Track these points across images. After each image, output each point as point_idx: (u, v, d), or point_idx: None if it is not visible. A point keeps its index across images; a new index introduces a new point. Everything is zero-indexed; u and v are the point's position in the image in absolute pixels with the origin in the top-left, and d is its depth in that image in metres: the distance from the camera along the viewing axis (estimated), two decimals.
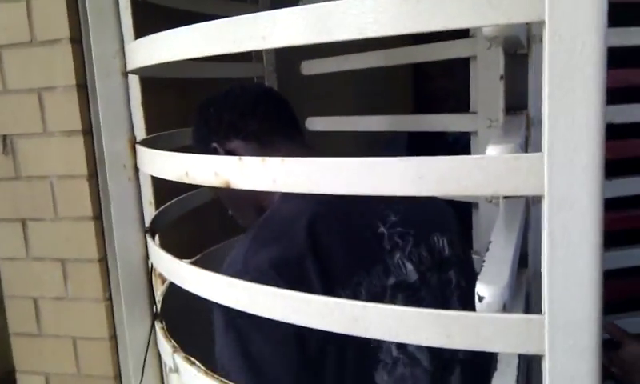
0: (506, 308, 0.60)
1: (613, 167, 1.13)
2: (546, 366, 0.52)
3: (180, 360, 0.84)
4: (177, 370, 0.85)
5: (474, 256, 1.20)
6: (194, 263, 1.33)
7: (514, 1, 0.47)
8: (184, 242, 1.44)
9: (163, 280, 1.17)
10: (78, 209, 1.33)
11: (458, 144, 2.40)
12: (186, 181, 0.73)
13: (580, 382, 0.51)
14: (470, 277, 0.97)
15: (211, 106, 1.04)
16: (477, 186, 0.52)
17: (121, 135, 0.92)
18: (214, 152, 1.00)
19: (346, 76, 1.43)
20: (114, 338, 1.38)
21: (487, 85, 1.11)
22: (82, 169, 1.30)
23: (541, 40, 0.49)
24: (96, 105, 1.27)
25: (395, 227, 0.92)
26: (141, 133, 1.23)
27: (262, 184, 0.63)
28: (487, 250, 0.78)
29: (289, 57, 1.54)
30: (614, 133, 1.02)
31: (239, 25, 0.60)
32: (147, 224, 1.00)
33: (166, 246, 0.88)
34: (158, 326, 0.97)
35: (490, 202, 1.15)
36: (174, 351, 0.86)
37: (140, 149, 0.89)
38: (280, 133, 1.01)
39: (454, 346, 0.56)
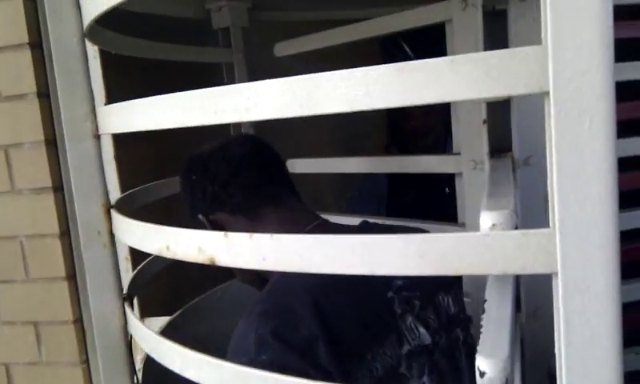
0: (508, 382, 0.57)
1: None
2: None
3: None
4: None
5: (459, 228, 1.17)
6: (176, 319, 1.29)
7: (515, 71, 0.45)
8: (162, 293, 1.39)
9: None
10: (50, 269, 1.27)
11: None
12: (167, 255, 0.69)
13: None
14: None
15: (194, 172, 0.99)
16: (483, 265, 0.49)
17: (94, 200, 0.87)
18: (201, 224, 0.96)
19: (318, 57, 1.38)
20: None
21: (469, 128, 1.09)
22: (54, 227, 1.24)
23: None
24: (67, 162, 1.24)
25: (402, 291, 0.90)
26: (114, 189, 1.19)
27: (251, 262, 0.59)
28: (482, 311, 0.75)
29: (257, 42, 1.47)
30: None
31: (221, 95, 0.57)
32: (125, 286, 0.95)
33: (144, 300, 0.84)
34: None
35: (475, 168, 1.11)
36: None
37: (116, 216, 0.85)
38: (267, 201, 0.96)
39: None
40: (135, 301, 1.20)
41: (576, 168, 0.43)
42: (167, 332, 1.24)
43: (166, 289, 1.40)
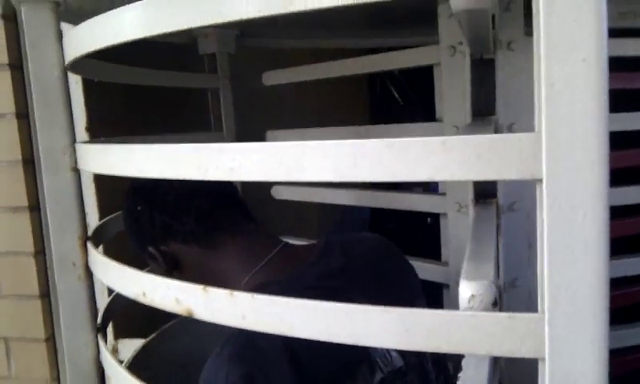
0: (497, 303, 0.55)
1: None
2: None
3: None
4: None
5: (442, 266, 1.17)
6: (152, 341, 1.27)
7: (507, 156, 0.44)
8: (136, 314, 1.37)
9: None
10: (23, 287, 1.24)
11: None
12: (143, 301, 0.67)
13: None
14: None
15: (139, 203, 0.92)
16: (469, 345, 0.48)
17: (70, 232, 0.85)
18: (151, 257, 0.92)
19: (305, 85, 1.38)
20: None
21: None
22: (29, 246, 1.21)
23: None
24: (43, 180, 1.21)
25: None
26: (93, 213, 1.16)
27: (230, 320, 0.58)
28: (467, 251, 0.74)
29: (244, 67, 1.48)
30: None
31: (206, 153, 0.56)
32: (101, 311, 0.93)
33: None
34: None
35: (459, 211, 1.11)
36: None
37: (92, 252, 0.83)
38: (223, 228, 0.90)
39: None
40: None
41: (568, 260, 0.43)
42: (141, 355, 1.22)
43: (139, 310, 1.37)
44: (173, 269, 0.92)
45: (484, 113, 1.00)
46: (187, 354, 1.28)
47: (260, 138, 1.41)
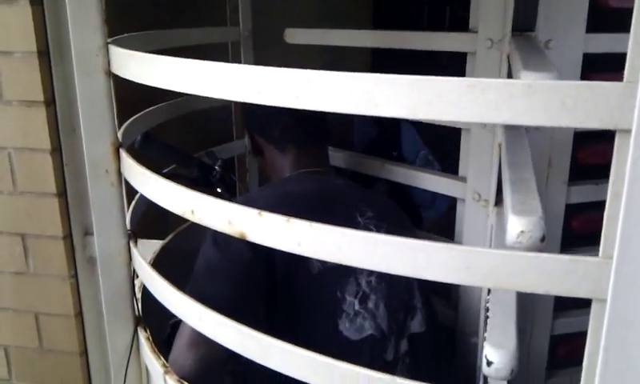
0: (513, 373, 0.60)
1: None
2: None
3: None
4: None
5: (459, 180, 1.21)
6: (168, 243, 1.29)
7: (592, 105, 0.44)
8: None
9: None
10: (39, 184, 1.23)
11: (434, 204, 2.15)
12: (190, 218, 0.67)
13: None
14: None
15: None
16: (528, 284, 0.49)
17: (103, 138, 0.84)
18: (250, 137, 1.21)
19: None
20: (79, 315, 1.33)
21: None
22: (45, 143, 1.19)
23: None
24: (59, 73, 1.17)
25: (371, 220, 1.06)
26: None
27: (284, 244, 0.59)
28: (487, 300, 0.77)
29: (265, 23, 1.46)
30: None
31: (270, 78, 0.54)
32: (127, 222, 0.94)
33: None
34: (142, 335, 0.93)
35: (478, 201, 1.14)
36: (166, 372, 0.83)
37: (126, 160, 0.82)
38: (295, 142, 1.15)
39: None
40: None
41: None
42: (162, 255, 1.25)
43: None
44: (256, 155, 1.22)
45: (524, 28, 0.98)
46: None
47: (278, 34, 1.38)
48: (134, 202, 1.04)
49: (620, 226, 0.45)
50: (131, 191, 1.02)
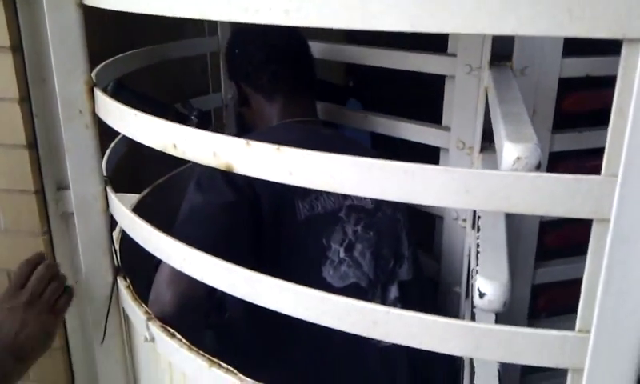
0: (505, 305, 0.60)
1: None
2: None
3: (157, 331, 0.78)
4: (152, 340, 0.80)
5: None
6: (145, 197, 1.25)
7: (600, 12, 0.42)
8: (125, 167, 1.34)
9: None
10: (8, 135, 1.18)
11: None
12: (172, 153, 0.64)
13: None
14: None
15: (237, 47, 1.17)
16: (529, 206, 0.48)
17: (75, 77, 0.80)
18: (237, 86, 1.17)
19: None
20: None
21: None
22: (13, 91, 1.13)
23: None
24: (26, 16, 1.11)
25: None
26: None
27: (274, 175, 0.56)
28: (477, 229, 0.76)
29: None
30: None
31: None
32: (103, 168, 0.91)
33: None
34: (122, 284, 0.90)
35: (469, 73, 1.11)
36: (149, 319, 0.80)
37: (101, 99, 0.78)
38: (283, 91, 1.13)
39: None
40: None
41: None
42: (140, 208, 1.21)
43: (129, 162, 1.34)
44: (243, 104, 1.19)
45: (503, 55, 0.97)
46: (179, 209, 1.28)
47: None
48: (109, 150, 1.01)
49: (626, 142, 0.43)
50: (104, 142, 0.99)
